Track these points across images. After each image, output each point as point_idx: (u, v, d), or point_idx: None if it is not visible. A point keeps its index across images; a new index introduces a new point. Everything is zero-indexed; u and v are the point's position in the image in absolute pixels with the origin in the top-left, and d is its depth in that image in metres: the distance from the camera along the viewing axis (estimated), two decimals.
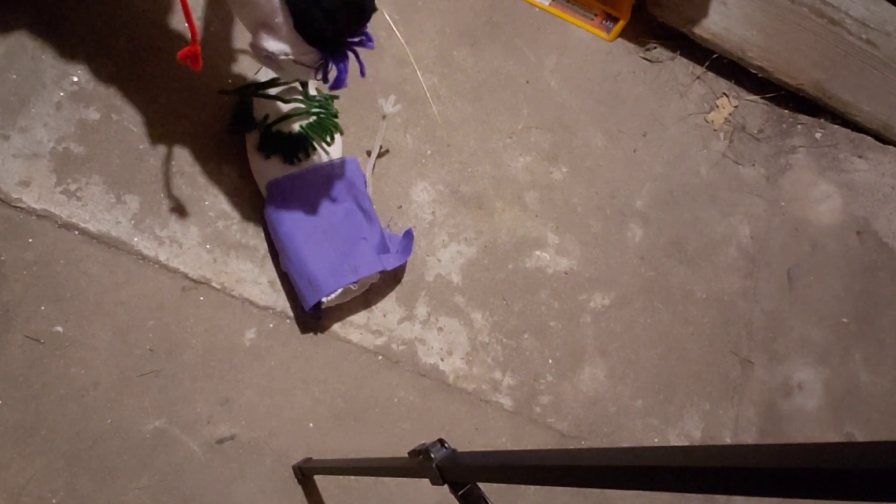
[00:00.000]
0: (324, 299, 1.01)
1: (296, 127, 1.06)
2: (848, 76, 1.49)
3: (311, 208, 1.04)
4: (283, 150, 1.04)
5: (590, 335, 1.26)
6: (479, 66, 1.31)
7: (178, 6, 1.12)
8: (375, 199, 1.16)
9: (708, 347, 1.35)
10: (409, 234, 1.09)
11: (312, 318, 1.07)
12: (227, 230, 1.06)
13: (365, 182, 1.11)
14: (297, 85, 1.07)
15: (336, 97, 1.14)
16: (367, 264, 1.02)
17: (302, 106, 1.07)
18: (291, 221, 1.02)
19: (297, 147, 1.05)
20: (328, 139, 1.08)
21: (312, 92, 1.09)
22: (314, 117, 1.07)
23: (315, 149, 1.07)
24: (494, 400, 1.17)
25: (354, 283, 1.02)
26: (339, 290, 1.01)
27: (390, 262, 1.05)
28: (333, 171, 1.07)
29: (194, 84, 1.09)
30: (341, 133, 1.12)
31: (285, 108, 1.06)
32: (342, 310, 1.10)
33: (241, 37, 1.14)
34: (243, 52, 1.14)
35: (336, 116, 1.11)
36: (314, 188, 1.05)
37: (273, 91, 1.05)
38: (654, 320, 1.32)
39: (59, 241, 0.97)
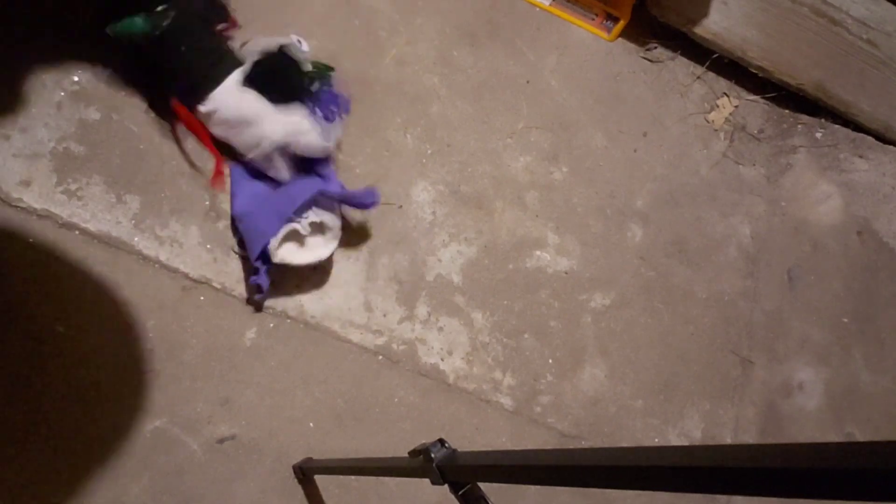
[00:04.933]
0: (276, 256, 0.98)
1: None
2: (848, 76, 1.49)
3: (267, 180, 1.05)
4: None
5: (590, 335, 1.26)
6: (479, 66, 1.31)
7: None
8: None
9: (708, 347, 1.34)
10: (372, 190, 1.05)
11: (258, 293, 1.03)
12: (228, 230, 1.06)
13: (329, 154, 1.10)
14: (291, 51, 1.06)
15: (333, 69, 1.11)
16: (303, 189, 1.00)
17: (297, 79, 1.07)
18: (246, 190, 1.04)
19: None
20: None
21: (308, 67, 1.07)
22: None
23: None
24: (494, 400, 1.17)
25: (296, 218, 0.99)
26: (284, 231, 0.98)
27: (334, 190, 1.02)
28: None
29: None
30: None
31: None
32: (342, 309, 1.10)
33: None
34: None
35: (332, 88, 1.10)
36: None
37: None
38: (654, 320, 1.32)
39: (59, 241, 0.97)
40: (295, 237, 1.01)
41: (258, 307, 1.05)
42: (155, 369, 0.98)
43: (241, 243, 1.05)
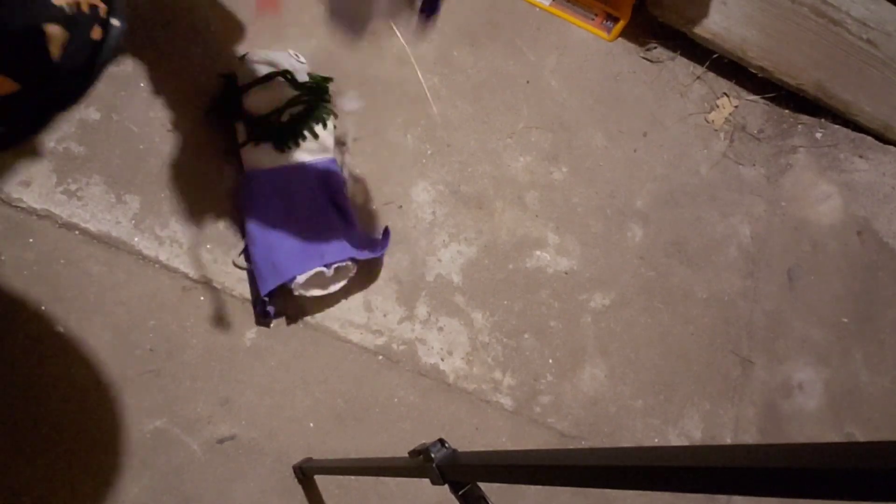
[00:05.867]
0: (296, 289, 0.99)
1: (286, 115, 1.06)
2: (848, 76, 1.49)
3: (285, 202, 1.04)
4: (273, 139, 1.04)
5: (590, 335, 1.26)
6: (479, 66, 1.31)
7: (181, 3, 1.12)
8: (376, 199, 1.16)
9: (708, 347, 1.34)
10: (386, 232, 1.09)
11: (263, 315, 1.04)
12: (228, 230, 1.06)
13: (344, 182, 1.11)
14: (285, 75, 1.07)
15: (331, 79, 1.13)
16: (334, 252, 1.02)
17: (293, 93, 1.06)
18: (263, 211, 1.03)
19: (287, 135, 1.05)
20: (321, 126, 1.08)
21: (304, 77, 1.08)
22: (302, 106, 1.07)
23: (306, 137, 1.06)
24: (494, 400, 1.17)
25: (324, 267, 1.00)
26: (308, 275, 0.99)
27: (361, 253, 1.04)
28: (310, 170, 1.07)
29: (195, 84, 1.09)
30: (335, 116, 1.12)
31: (275, 99, 1.05)
32: (342, 309, 1.10)
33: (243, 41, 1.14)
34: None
35: (329, 102, 1.11)
36: (290, 184, 1.05)
37: (260, 84, 1.05)
38: (654, 320, 1.32)
39: (59, 241, 0.97)
40: (318, 277, 1.02)
41: (266, 325, 1.06)
42: (155, 369, 0.98)
43: (247, 257, 1.05)
